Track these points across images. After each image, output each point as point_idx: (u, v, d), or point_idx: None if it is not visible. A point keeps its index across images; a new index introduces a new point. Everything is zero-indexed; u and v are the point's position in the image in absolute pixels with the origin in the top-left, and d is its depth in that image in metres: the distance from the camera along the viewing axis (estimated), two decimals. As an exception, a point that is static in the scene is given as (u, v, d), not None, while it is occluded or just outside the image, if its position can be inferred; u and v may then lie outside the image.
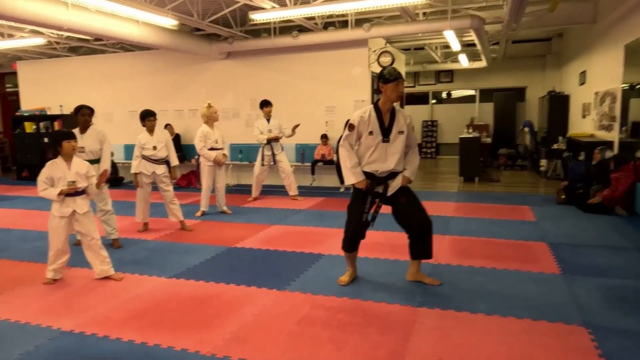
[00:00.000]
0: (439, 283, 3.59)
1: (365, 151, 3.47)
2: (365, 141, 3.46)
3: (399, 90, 3.40)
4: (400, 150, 3.48)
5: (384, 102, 3.44)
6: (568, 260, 4.12)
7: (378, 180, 3.50)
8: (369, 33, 7.35)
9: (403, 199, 3.53)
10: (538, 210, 6.20)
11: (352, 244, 3.58)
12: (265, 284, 3.66)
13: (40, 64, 10.56)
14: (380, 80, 3.41)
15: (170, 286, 3.68)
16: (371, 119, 3.43)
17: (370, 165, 3.49)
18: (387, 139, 3.44)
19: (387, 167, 3.48)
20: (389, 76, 3.37)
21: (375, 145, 3.44)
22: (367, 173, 3.50)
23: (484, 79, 13.33)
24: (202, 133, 6.25)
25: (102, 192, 4.79)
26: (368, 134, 3.43)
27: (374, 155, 3.46)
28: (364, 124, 3.43)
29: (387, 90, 3.39)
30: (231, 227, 5.63)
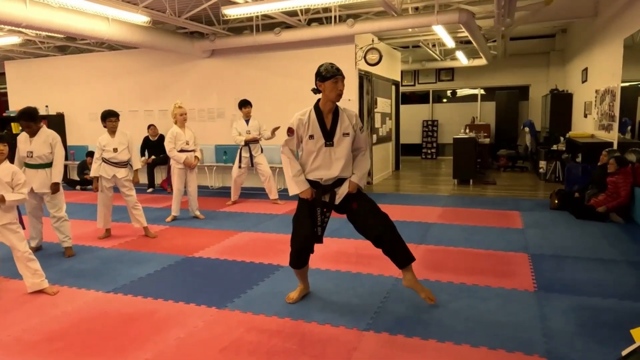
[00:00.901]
0: (433, 301, 3.17)
1: (308, 157, 3.13)
2: (307, 146, 3.12)
3: (339, 89, 3.05)
4: (346, 154, 3.13)
5: (324, 102, 3.11)
6: (547, 275, 3.74)
7: (323, 188, 3.15)
8: (353, 29, 6.99)
9: (355, 205, 3.18)
10: (528, 217, 5.80)
11: (301, 259, 3.22)
12: (206, 301, 3.34)
13: (28, 63, 10.39)
14: (317, 78, 3.06)
15: (104, 302, 3.38)
16: (311, 121, 3.09)
17: (314, 173, 3.14)
18: (331, 142, 3.10)
19: (332, 174, 3.13)
20: (326, 73, 3.02)
21: (317, 150, 3.09)
22: (312, 182, 3.16)
23: (486, 77, 12.89)
24: (172, 134, 5.97)
25: (56, 197, 4.52)
26: (308, 138, 3.09)
27: (316, 161, 3.11)
28: (303, 127, 3.09)
29: (325, 89, 3.05)
30: (197, 234, 5.34)
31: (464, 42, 10.23)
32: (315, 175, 3.14)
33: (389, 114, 10.03)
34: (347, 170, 3.16)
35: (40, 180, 4.46)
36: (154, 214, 6.41)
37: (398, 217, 5.85)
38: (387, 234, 3.12)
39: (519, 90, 12.61)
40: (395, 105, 10.85)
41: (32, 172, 4.46)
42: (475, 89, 13.37)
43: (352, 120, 3.19)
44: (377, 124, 9.07)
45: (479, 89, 13.29)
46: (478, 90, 13.32)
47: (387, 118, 9.86)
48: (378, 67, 8.75)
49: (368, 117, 8.66)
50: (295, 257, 3.20)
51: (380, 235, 3.12)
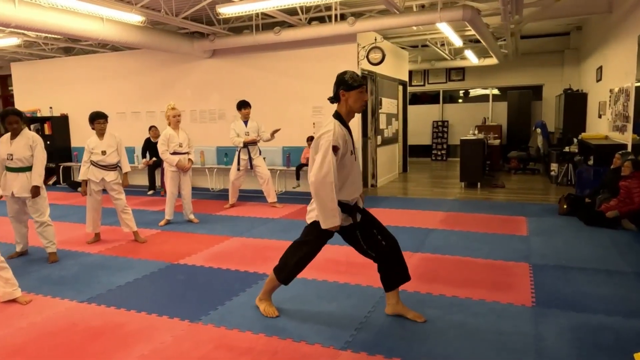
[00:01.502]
0: (423, 320, 2.95)
1: (348, 175, 2.82)
2: (349, 162, 2.81)
3: (364, 99, 2.83)
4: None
5: (347, 112, 2.84)
6: (548, 288, 3.48)
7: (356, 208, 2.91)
8: (354, 27, 6.77)
9: (364, 220, 2.96)
10: (534, 223, 5.51)
11: (293, 278, 3.08)
12: (181, 313, 3.17)
13: (33, 65, 10.40)
14: (341, 87, 2.78)
15: (75, 313, 3.23)
16: (346, 134, 2.80)
17: (349, 191, 2.84)
18: (354, 156, 2.90)
19: (360, 190, 2.94)
20: (352, 82, 2.76)
21: (351, 166, 2.84)
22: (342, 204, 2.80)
23: (498, 76, 12.54)
24: (165, 136, 5.84)
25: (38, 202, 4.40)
26: (350, 154, 2.81)
27: (351, 177, 2.85)
28: (344, 142, 2.75)
29: (349, 99, 2.79)
30: (188, 239, 5.18)
31: (473, 41, 9.92)
32: (350, 195, 2.85)
33: (395, 115, 9.77)
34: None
35: (20, 184, 4.34)
36: (149, 217, 6.29)
37: (397, 222, 5.64)
38: (398, 248, 2.97)
39: (532, 90, 12.24)
40: (402, 106, 10.59)
41: (13, 175, 4.35)
42: (487, 88, 13.02)
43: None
44: (382, 125, 8.83)
45: (490, 88, 12.94)
46: (490, 90, 12.97)
47: (394, 119, 9.61)
48: (383, 67, 8.51)
49: (372, 118, 8.43)
50: (291, 276, 3.05)
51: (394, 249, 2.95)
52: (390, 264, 2.97)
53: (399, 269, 2.99)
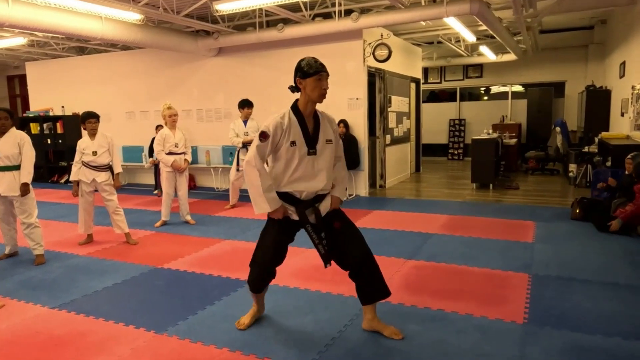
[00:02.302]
0: (400, 337, 2.74)
1: (286, 167, 2.68)
2: (286, 154, 2.66)
3: (322, 87, 2.62)
4: (329, 164, 2.75)
5: (305, 103, 2.68)
6: (544, 303, 3.21)
7: (304, 204, 2.73)
8: (358, 23, 6.55)
9: (337, 225, 2.76)
10: (542, 228, 5.20)
11: (261, 284, 2.87)
12: (148, 323, 3.03)
13: (47, 64, 10.52)
14: (297, 74, 2.64)
15: (43, 320, 3.14)
16: (292, 125, 2.66)
17: (293, 185, 2.70)
18: (314, 150, 2.69)
19: (316, 187, 2.72)
20: (308, 68, 2.60)
21: (300, 159, 2.67)
22: (286, 196, 2.72)
23: (517, 73, 12.08)
24: (161, 136, 5.75)
25: (26, 203, 4.36)
26: (290, 145, 2.64)
27: (297, 172, 2.68)
28: (282, 132, 2.64)
29: (306, 87, 2.62)
30: (179, 242, 5.07)
31: (489, 37, 9.55)
32: (294, 188, 2.70)
33: (407, 113, 9.49)
34: (329, 182, 2.78)
35: (7, 183, 4.30)
36: (148, 218, 6.22)
37: (397, 226, 5.41)
38: (368, 264, 2.74)
39: (554, 86, 11.74)
40: (415, 104, 10.28)
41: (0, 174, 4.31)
42: (506, 86, 12.57)
43: (333, 125, 2.82)
44: (392, 124, 8.57)
45: (510, 85, 12.48)
46: (509, 87, 12.51)
47: (405, 117, 9.33)
48: (393, 64, 8.26)
49: (380, 117, 8.18)
50: (256, 282, 2.85)
51: (361, 265, 2.73)
52: (364, 279, 2.77)
53: (374, 283, 2.78)
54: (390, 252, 4.45)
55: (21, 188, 4.28)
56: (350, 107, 7.52)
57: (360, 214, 6.19)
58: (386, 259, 4.26)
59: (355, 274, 2.77)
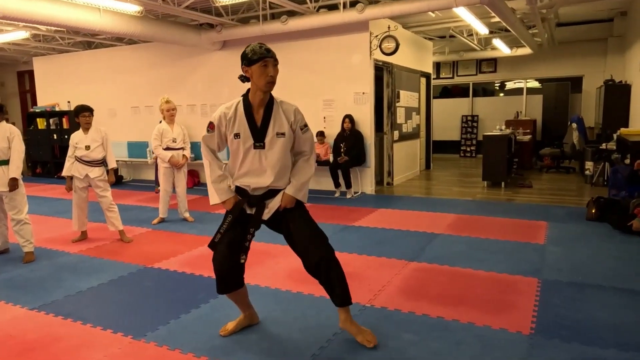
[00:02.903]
0: (371, 345, 2.53)
1: (234, 160, 2.55)
2: (232, 147, 2.54)
3: (269, 74, 2.42)
4: (281, 159, 2.53)
5: (253, 92, 2.50)
6: (554, 311, 2.96)
7: (250, 199, 2.56)
8: (364, 14, 6.31)
9: (291, 226, 2.56)
10: (555, 229, 4.92)
11: (224, 283, 2.59)
12: (128, 327, 2.86)
13: (53, 59, 10.48)
14: (242, 62, 2.46)
15: (18, 322, 2.99)
16: (238, 116, 2.49)
17: (241, 179, 2.56)
18: (261, 143, 2.50)
19: (263, 183, 2.53)
20: (252, 55, 2.40)
21: (245, 152, 2.50)
22: (240, 190, 2.58)
23: (533, 67, 11.70)
24: (158, 130, 5.60)
25: (15, 199, 4.23)
26: (233, 137, 2.49)
27: (244, 165, 2.53)
28: (227, 123, 2.50)
29: (253, 75, 2.44)
30: (174, 240, 4.91)
31: (503, 30, 9.21)
32: (242, 182, 2.56)
33: (417, 109, 9.21)
34: (282, 178, 2.56)
35: (-4, 179, 4.18)
36: (147, 215, 6.09)
37: (401, 225, 5.18)
38: (325, 263, 2.50)
39: (571, 81, 11.34)
40: (425, 99, 9.99)
41: (-12, 169, 4.19)
42: (521, 81, 12.19)
43: (290, 116, 2.56)
44: (400, 120, 8.32)
45: (525, 80, 12.10)
46: (524, 82, 12.13)
47: (414, 113, 9.06)
48: (402, 58, 8.00)
49: (388, 112, 7.93)
50: (217, 280, 2.60)
51: (317, 269, 2.50)
52: (324, 284, 2.56)
53: (337, 290, 2.55)
54: (391, 253, 4.23)
55: (9, 183, 4.15)
56: (356, 102, 7.29)
57: (365, 212, 5.96)
58: (387, 260, 4.03)
59: (314, 276, 2.55)
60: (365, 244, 4.55)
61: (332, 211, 6.13)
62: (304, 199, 2.61)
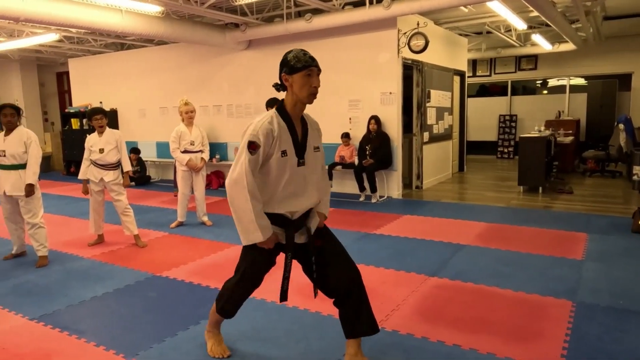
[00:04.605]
0: None
1: (277, 183, 2.21)
2: (277, 167, 2.19)
3: (312, 85, 2.14)
4: (319, 174, 2.34)
5: (293, 104, 2.21)
6: (590, 342, 2.61)
7: (295, 225, 2.30)
8: (390, 10, 6.01)
9: (319, 242, 2.33)
10: (595, 242, 4.49)
11: (236, 310, 2.50)
12: (121, 344, 2.72)
13: (87, 61, 10.67)
14: (282, 70, 2.19)
15: (15, 334, 2.90)
16: (281, 130, 2.19)
17: (284, 205, 2.24)
18: (303, 160, 2.25)
19: (308, 204, 2.30)
20: (296, 62, 2.13)
21: (291, 172, 2.22)
22: (276, 217, 2.25)
23: (577, 64, 11.03)
24: (176, 133, 5.51)
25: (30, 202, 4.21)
26: (280, 155, 2.17)
27: (290, 187, 2.23)
28: (274, 140, 2.16)
29: (293, 85, 2.16)
30: (188, 245, 4.79)
31: (543, 25, 8.67)
32: (286, 208, 2.24)
33: (449, 109, 8.81)
34: (319, 196, 2.38)
35: (12, 182, 4.17)
36: (166, 218, 6.02)
37: (425, 234, 4.88)
38: (356, 293, 2.28)
39: (619, 79, 10.62)
40: (459, 98, 9.56)
41: (5, 173, 4.19)
42: (563, 78, 11.52)
43: (319, 129, 2.40)
44: (431, 120, 7.95)
45: (568, 78, 11.42)
46: (567, 80, 11.45)
47: (446, 113, 8.66)
48: (434, 55, 7.65)
49: (418, 113, 7.59)
50: (233, 308, 2.47)
51: (347, 293, 2.28)
52: (351, 309, 2.31)
53: (361, 315, 2.31)
54: (411, 266, 3.94)
55: (26, 189, 4.13)
56: (383, 102, 6.99)
57: (388, 219, 5.68)
58: (405, 275, 3.76)
59: (339, 302, 2.32)
60: (384, 255, 4.29)
61: (354, 216, 5.88)
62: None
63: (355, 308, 2.30)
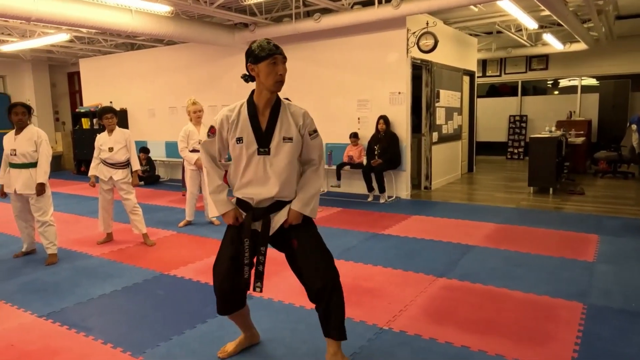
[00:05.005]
0: None
1: (237, 168, 2.31)
2: (233, 152, 2.30)
3: (278, 73, 2.18)
4: (287, 166, 2.27)
5: (259, 93, 2.26)
6: (601, 345, 2.57)
7: (255, 212, 2.32)
8: (399, 10, 5.98)
9: (295, 244, 2.31)
10: (607, 244, 4.43)
11: (226, 304, 2.37)
12: (128, 342, 2.73)
13: (97, 61, 10.76)
14: (248, 60, 2.23)
15: (23, 331, 2.92)
16: (241, 118, 2.26)
17: (243, 190, 2.32)
18: (266, 149, 2.26)
19: (268, 193, 2.28)
20: (260, 51, 2.18)
21: (248, 159, 2.27)
22: (242, 202, 2.35)
23: (589, 64, 10.90)
24: (185, 132, 5.52)
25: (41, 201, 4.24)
26: (236, 142, 2.26)
27: (247, 174, 2.29)
28: (229, 126, 2.27)
29: (260, 74, 2.21)
30: (195, 244, 4.80)
31: (555, 24, 8.58)
32: (245, 194, 2.31)
33: (458, 109, 8.75)
34: (288, 189, 2.31)
35: (23, 181, 4.21)
36: (175, 217, 6.03)
37: (433, 235, 4.85)
38: (327, 294, 2.23)
39: (632, 79, 10.48)
40: (469, 98, 9.49)
41: (16, 172, 4.23)
42: (575, 78, 11.39)
43: (299, 120, 2.31)
44: (440, 120, 7.90)
45: (579, 78, 11.29)
46: (579, 80, 11.32)
47: (455, 113, 8.60)
48: (443, 55, 7.61)
49: (427, 113, 7.55)
50: (218, 301, 2.38)
51: (321, 293, 2.23)
52: (320, 310, 2.29)
53: (332, 321, 2.27)
54: (419, 267, 3.91)
55: (37, 188, 4.17)
56: (392, 102, 6.96)
57: (397, 219, 5.65)
58: (413, 275, 3.73)
59: (315, 300, 2.28)
60: (391, 255, 4.26)
61: (362, 217, 5.85)
62: (312, 214, 2.34)
63: (325, 310, 2.26)
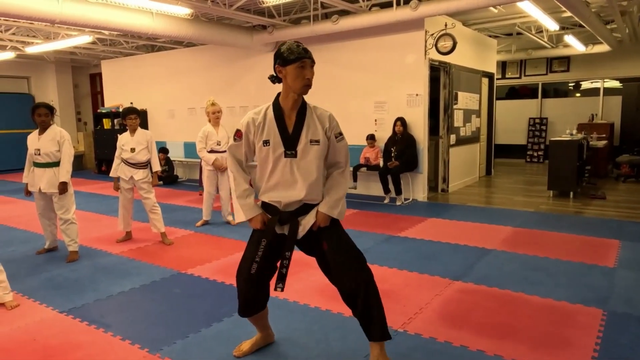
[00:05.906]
0: None
1: (263, 171, 2.30)
2: (260, 155, 2.30)
3: (306, 77, 2.21)
4: (315, 169, 2.27)
5: (285, 95, 2.29)
6: (620, 352, 2.53)
7: (282, 216, 2.31)
8: (418, 11, 5.96)
9: (325, 246, 2.31)
10: (629, 249, 4.34)
11: (247, 307, 2.40)
12: (146, 339, 2.77)
13: (119, 62, 10.96)
14: (276, 62, 2.25)
15: (45, 326, 3.00)
16: (267, 121, 2.28)
17: (270, 194, 2.31)
18: (293, 152, 2.26)
19: (295, 197, 2.28)
20: (289, 54, 2.19)
21: (274, 162, 2.27)
22: (268, 206, 2.34)
23: (612, 66, 10.69)
24: (203, 133, 5.59)
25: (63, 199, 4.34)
26: (262, 145, 2.27)
27: (273, 177, 2.28)
28: (256, 130, 2.28)
29: (287, 77, 2.23)
30: (213, 244, 4.86)
31: (576, 25, 8.45)
32: (271, 197, 2.31)
33: (477, 111, 8.67)
34: (316, 192, 2.31)
35: (47, 180, 4.31)
36: (193, 216, 6.11)
37: (450, 238, 4.82)
38: (362, 293, 2.23)
39: (657, 81, 10.25)
40: (487, 101, 9.40)
41: (40, 171, 4.33)
42: (597, 80, 11.18)
43: (325, 122, 2.33)
44: (458, 123, 7.85)
45: (602, 80, 11.08)
46: (601, 82, 11.12)
47: (474, 115, 8.53)
48: (462, 57, 7.55)
49: (445, 115, 7.50)
50: (240, 303, 2.40)
51: (355, 294, 2.24)
52: (359, 311, 2.27)
53: (376, 319, 2.26)
54: (435, 269, 3.89)
55: (59, 187, 4.27)
56: (409, 104, 6.94)
57: (413, 221, 5.63)
58: (429, 278, 3.71)
59: (350, 302, 2.29)
60: (407, 257, 4.25)
61: (378, 219, 5.85)
62: (340, 216, 2.35)
63: (364, 312, 2.25)
